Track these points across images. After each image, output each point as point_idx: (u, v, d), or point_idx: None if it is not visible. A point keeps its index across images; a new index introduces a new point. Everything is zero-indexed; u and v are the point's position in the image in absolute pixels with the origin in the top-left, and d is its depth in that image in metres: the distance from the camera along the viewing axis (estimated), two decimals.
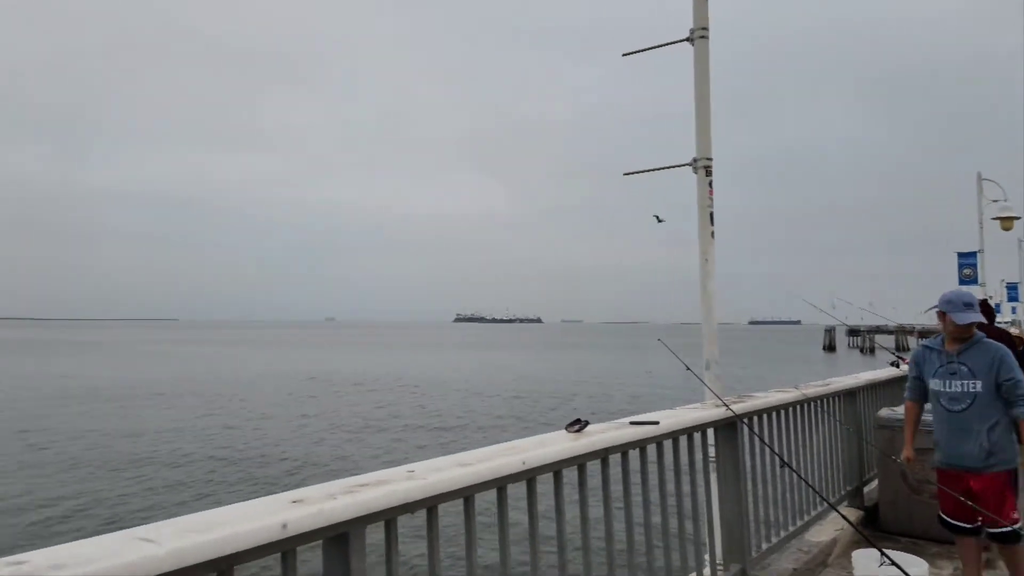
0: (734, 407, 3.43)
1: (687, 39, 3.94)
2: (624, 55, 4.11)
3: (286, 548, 1.49)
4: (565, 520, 2.36)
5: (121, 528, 1.35)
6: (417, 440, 18.37)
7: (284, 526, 1.44)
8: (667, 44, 3.96)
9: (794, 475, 4.05)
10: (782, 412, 4.12)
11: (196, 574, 1.30)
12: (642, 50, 4.02)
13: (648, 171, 4.22)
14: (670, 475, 3.04)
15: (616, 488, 2.65)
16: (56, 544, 1.22)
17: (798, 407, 4.32)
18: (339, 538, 1.62)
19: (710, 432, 3.38)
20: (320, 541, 1.59)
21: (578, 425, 2.59)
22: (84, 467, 14.84)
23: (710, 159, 3.92)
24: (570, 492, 2.42)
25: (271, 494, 1.63)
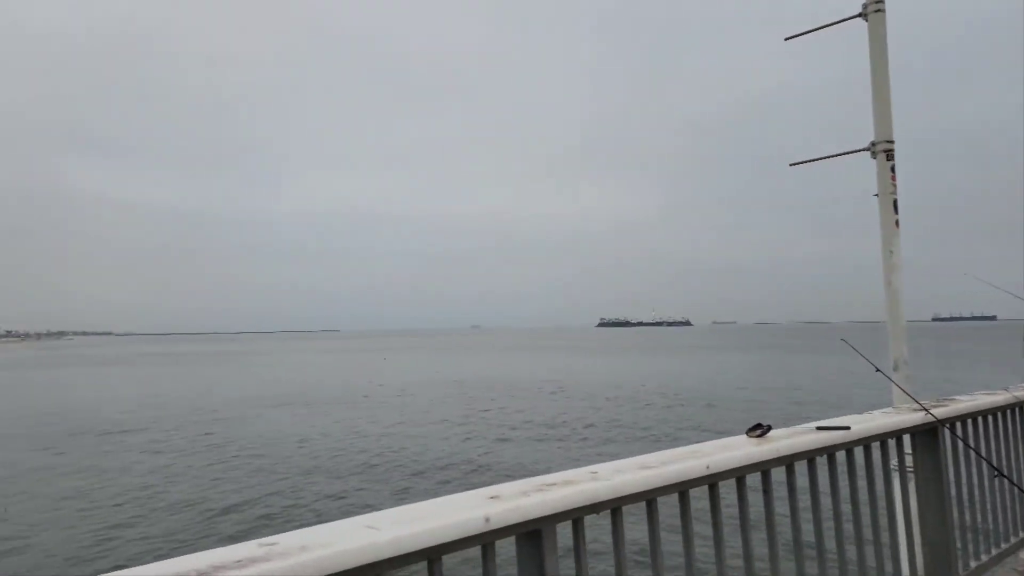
0: (934, 411, 3.18)
1: (860, 15, 3.64)
2: (787, 39, 3.86)
3: (487, 541, 1.57)
4: (750, 527, 2.30)
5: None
6: (575, 445, 18.36)
7: (487, 519, 1.53)
8: (837, 23, 3.68)
9: (1011, 487, 3.73)
10: (990, 417, 3.77)
11: (410, 560, 1.42)
12: (808, 31, 3.73)
13: (819, 159, 3.92)
14: (861, 484, 2.84)
15: (803, 497, 2.52)
16: (294, 529, 1.39)
17: (1010, 411, 3.94)
18: (532, 534, 1.68)
19: (906, 438, 3.17)
20: (513, 536, 1.66)
21: (760, 430, 2.49)
22: (275, 468, 16.32)
23: (891, 142, 3.64)
24: (750, 500, 2.35)
25: (467, 490, 1.73)
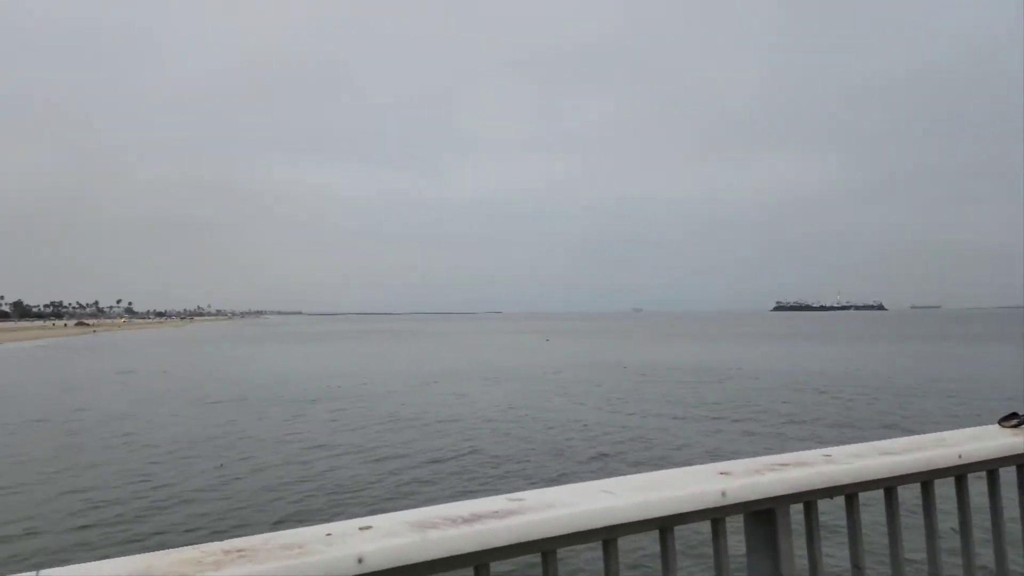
0: None
1: None
2: None
3: (718, 516, 1.55)
4: (1004, 526, 2.05)
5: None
6: (752, 437, 17.54)
7: (723, 493, 1.50)
8: None
9: None
10: None
11: (644, 527, 1.45)
12: None
13: None
14: None
15: None
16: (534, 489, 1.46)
17: None
18: (764, 513, 1.64)
19: None
20: (742, 515, 1.62)
21: (1016, 419, 2.17)
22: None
23: None
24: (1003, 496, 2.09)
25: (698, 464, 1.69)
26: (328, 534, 1.18)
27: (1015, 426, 2.15)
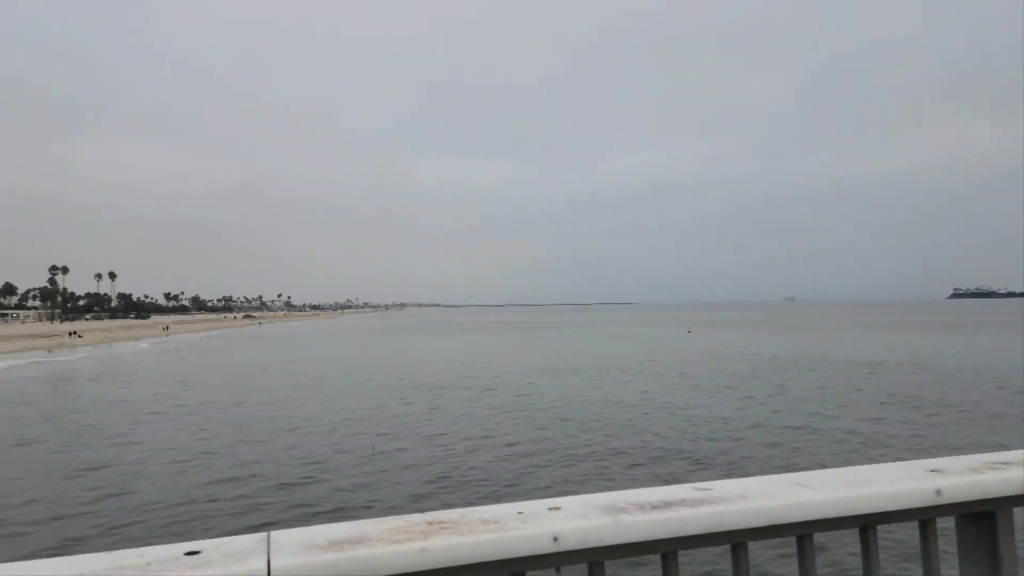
0: None
1: None
2: None
3: (928, 516, 1.43)
4: None
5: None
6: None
7: (938, 492, 1.39)
8: None
9: None
10: None
11: (843, 525, 1.37)
12: None
13: None
14: None
15: None
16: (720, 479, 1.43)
17: None
18: (982, 516, 1.49)
19: None
20: (954, 516, 1.48)
21: None
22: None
23: None
24: None
25: (905, 461, 1.56)
26: (520, 512, 1.21)
27: None
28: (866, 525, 1.39)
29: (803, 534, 1.34)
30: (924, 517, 1.43)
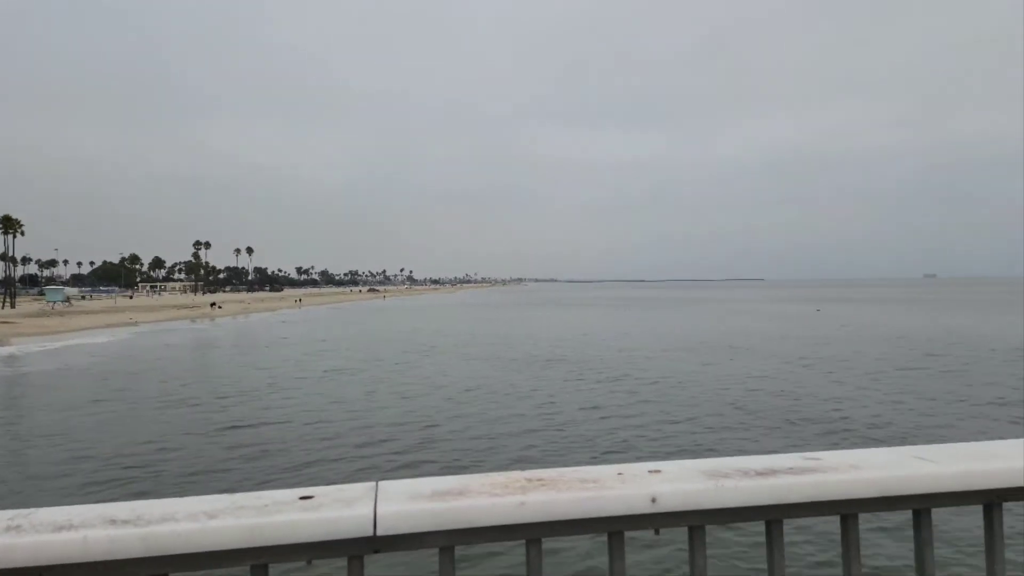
0: None
1: None
2: None
3: None
4: None
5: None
6: None
7: None
8: None
9: None
10: None
11: (967, 500, 1.33)
12: None
13: None
14: None
15: None
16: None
17: None
18: None
19: None
20: None
21: None
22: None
23: None
24: None
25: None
26: (620, 473, 1.24)
27: None
28: (991, 501, 1.35)
29: (920, 508, 1.32)
30: None
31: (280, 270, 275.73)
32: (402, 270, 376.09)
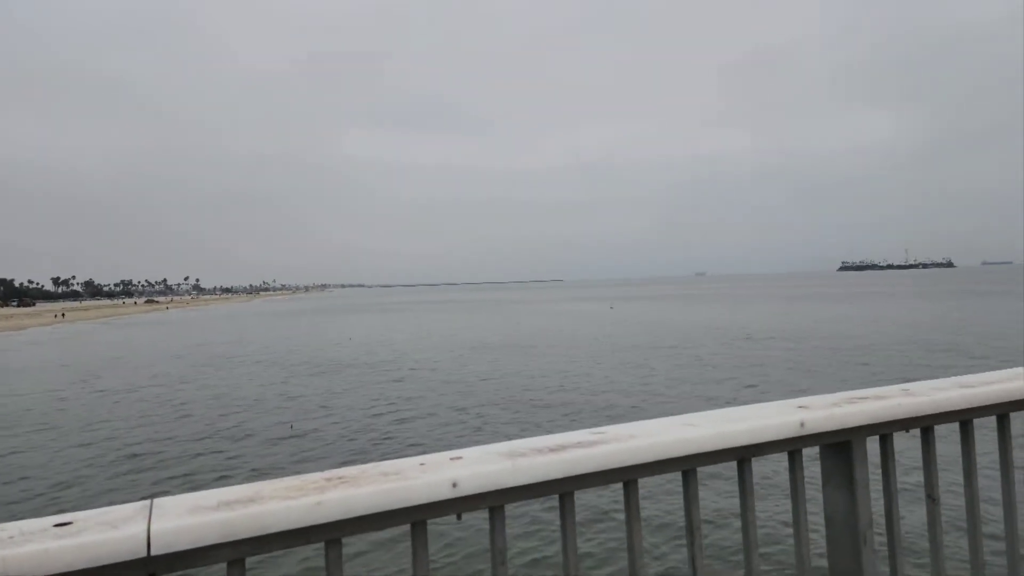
0: None
1: None
2: None
3: (796, 447, 1.59)
4: None
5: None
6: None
7: (802, 424, 1.55)
8: None
9: None
10: None
11: (722, 457, 1.50)
12: None
13: None
14: None
15: None
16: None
17: None
18: (841, 445, 1.69)
19: None
20: (818, 446, 1.67)
21: None
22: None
23: None
24: None
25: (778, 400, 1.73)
26: (422, 464, 1.25)
27: None
28: (742, 457, 1.53)
29: (687, 468, 1.47)
30: (792, 448, 1.59)
31: (32, 282, 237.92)
32: (187, 278, 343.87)
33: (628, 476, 1.39)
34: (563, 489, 1.33)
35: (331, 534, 1.13)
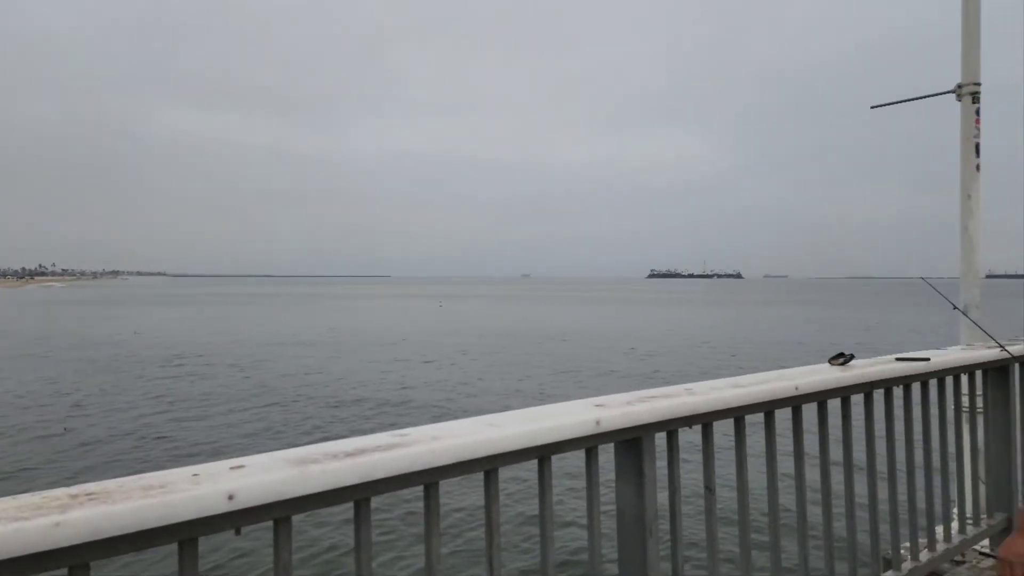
0: (1009, 348, 3.26)
1: None
2: None
3: (592, 444, 1.69)
4: (829, 449, 2.42)
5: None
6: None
7: (597, 422, 1.64)
8: None
9: None
10: None
11: (525, 456, 1.54)
12: None
13: (901, 102, 4.16)
14: (935, 414, 2.96)
15: (879, 426, 2.66)
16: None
17: None
18: (633, 441, 1.79)
19: (979, 374, 3.29)
20: (613, 443, 1.76)
21: (843, 358, 2.57)
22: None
23: (978, 84, 3.77)
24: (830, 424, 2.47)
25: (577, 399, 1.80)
26: (195, 474, 1.14)
27: (841, 364, 2.53)
28: (543, 455, 1.58)
29: (489, 468, 1.48)
30: (589, 445, 1.67)
31: None
32: None
33: (430, 479, 1.38)
34: (359, 495, 1.28)
35: (75, 558, 0.99)
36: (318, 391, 17.82)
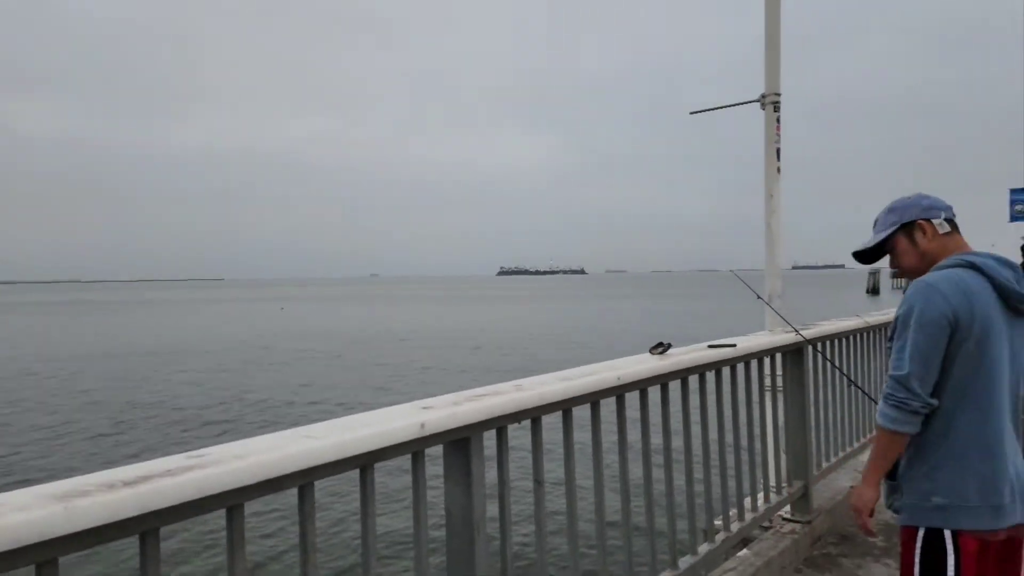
0: (803, 332, 3.62)
1: None
2: None
3: (418, 448, 1.65)
4: (650, 434, 2.56)
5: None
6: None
7: (422, 426, 1.60)
8: None
9: (856, 399, 4.52)
10: (846, 339, 4.41)
11: (343, 468, 1.46)
12: None
13: (715, 109, 4.52)
14: (743, 396, 3.23)
15: (694, 411, 2.85)
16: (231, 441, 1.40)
17: (861, 334, 4.61)
18: (461, 441, 1.78)
19: (779, 356, 3.65)
20: (442, 444, 1.74)
21: (661, 347, 2.70)
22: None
23: (778, 95, 4.03)
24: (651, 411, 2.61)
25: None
26: None
27: (660, 353, 2.67)
28: (364, 464, 1.51)
29: (304, 483, 1.39)
30: (415, 449, 1.63)
31: None
32: None
33: (232, 501, 1.26)
34: (143, 527, 1.14)
35: None
36: (116, 412, 15.78)
